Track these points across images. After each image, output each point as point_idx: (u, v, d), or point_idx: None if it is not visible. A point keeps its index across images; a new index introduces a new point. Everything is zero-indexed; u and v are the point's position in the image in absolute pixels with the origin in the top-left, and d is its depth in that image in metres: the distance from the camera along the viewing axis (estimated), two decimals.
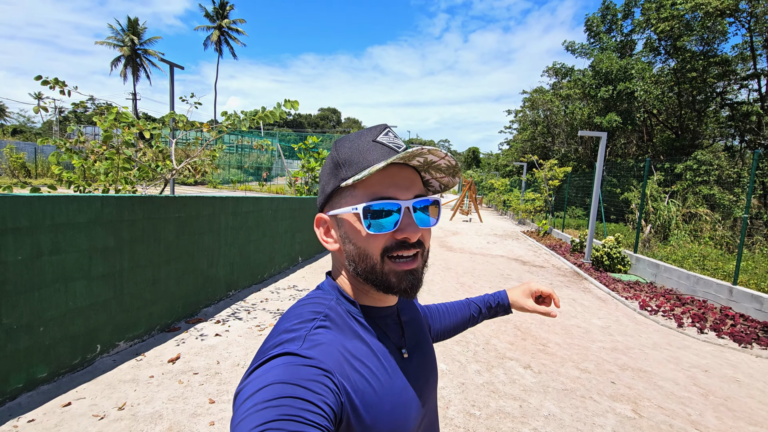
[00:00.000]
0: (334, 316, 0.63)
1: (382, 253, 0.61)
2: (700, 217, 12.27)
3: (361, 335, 0.63)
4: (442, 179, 0.69)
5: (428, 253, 0.68)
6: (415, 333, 0.76)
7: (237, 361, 3.29)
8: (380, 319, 0.68)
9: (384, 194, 0.60)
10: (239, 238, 5.06)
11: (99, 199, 2.98)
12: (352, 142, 0.64)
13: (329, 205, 0.66)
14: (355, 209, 0.60)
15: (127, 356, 3.20)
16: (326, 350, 0.56)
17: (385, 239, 0.61)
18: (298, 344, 0.56)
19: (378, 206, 0.59)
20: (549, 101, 25.71)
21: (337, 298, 0.67)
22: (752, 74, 16.67)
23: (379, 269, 0.61)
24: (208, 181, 31.15)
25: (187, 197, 3.98)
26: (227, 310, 4.49)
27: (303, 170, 8.41)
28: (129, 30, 43.94)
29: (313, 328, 0.59)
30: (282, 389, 0.48)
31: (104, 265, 3.05)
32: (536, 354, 3.96)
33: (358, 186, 0.61)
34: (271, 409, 0.46)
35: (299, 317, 0.62)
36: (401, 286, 0.61)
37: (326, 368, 0.54)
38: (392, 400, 0.60)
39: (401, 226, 0.60)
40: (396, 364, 0.65)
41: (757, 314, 5.42)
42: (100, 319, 3.05)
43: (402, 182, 0.62)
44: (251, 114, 3.85)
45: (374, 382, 0.59)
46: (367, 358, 0.61)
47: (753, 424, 2.97)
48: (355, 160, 0.62)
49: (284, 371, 0.51)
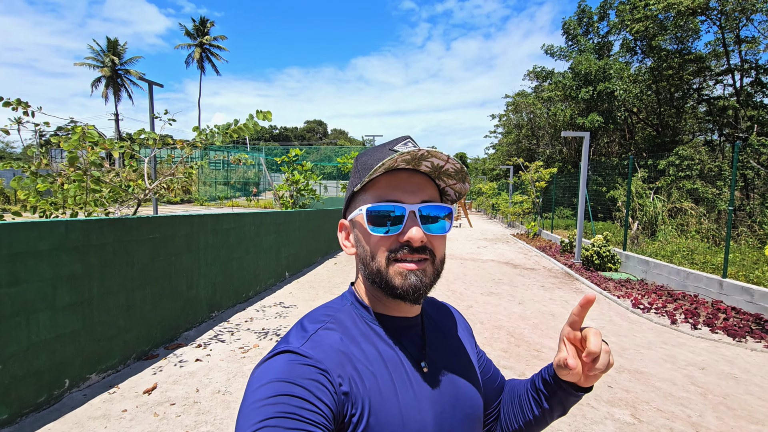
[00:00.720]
0: (344, 319, 0.64)
1: (388, 255, 0.61)
2: (685, 212, 12.40)
3: (372, 340, 0.63)
4: (454, 186, 0.68)
5: (442, 264, 0.66)
6: (444, 351, 0.72)
7: (218, 387, 3.12)
8: (397, 329, 0.67)
9: (389, 197, 0.61)
10: (220, 256, 4.90)
11: (63, 224, 2.81)
12: (372, 152, 0.67)
13: (348, 210, 0.69)
14: (360, 210, 0.63)
15: (100, 389, 3.01)
16: (326, 350, 0.57)
17: (390, 242, 0.61)
18: (300, 342, 0.58)
19: (381, 207, 0.61)
20: (532, 104, 26.03)
21: (352, 302, 0.68)
22: (726, 69, 17.08)
23: (384, 271, 0.61)
24: (194, 199, 30.77)
25: (161, 217, 3.82)
26: (210, 332, 4.30)
27: (287, 183, 8.27)
28: (109, 50, 43.57)
29: (319, 329, 0.61)
30: (279, 387, 0.50)
31: (71, 293, 2.87)
32: (531, 361, 3.85)
33: (368, 190, 0.63)
34: (269, 407, 0.48)
35: (311, 318, 0.65)
36: (404, 286, 0.60)
37: (323, 367, 0.54)
38: (402, 412, 0.59)
39: (404, 229, 0.61)
40: (410, 380, 0.62)
41: (748, 306, 5.40)
42: (68, 351, 2.86)
43: (409, 186, 0.62)
44: (224, 128, 3.72)
45: (380, 387, 0.59)
46: (375, 363, 0.61)
47: (754, 422, 2.89)
48: (369, 166, 0.64)
49: (282, 369, 0.53)
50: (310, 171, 8.54)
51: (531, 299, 6.21)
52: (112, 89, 44.84)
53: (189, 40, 49.40)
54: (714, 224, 11.87)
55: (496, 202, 24.01)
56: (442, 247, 0.65)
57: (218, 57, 50.42)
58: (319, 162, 42.67)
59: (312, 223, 8.50)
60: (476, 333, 4.57)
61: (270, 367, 0.54)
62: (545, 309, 5.69)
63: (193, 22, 48.78)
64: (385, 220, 0.61)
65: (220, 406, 2.86)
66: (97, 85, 44.69)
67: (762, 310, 5.21)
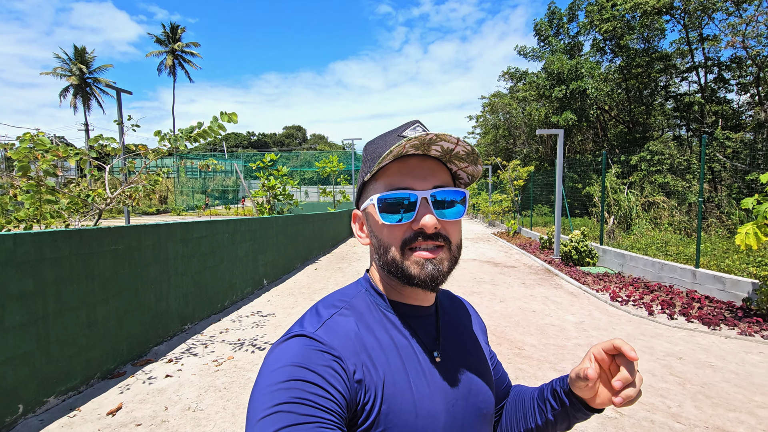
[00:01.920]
0: (358, 305, 0.64)
1: (402, 245, 0.60)
2: (658, 205, 12.73)
3: (386, 328, 0.62)
4: (466, 169, 0.66)
5: (459, 250, 0.64)
6: (458, 342, 0.71)
7: (188, 404, 2.96)
8: (412, 318, 0.66)
9: (400, 184, 0.60)
10: (192, 266, 4.71)
11: (11, 237, 2.62)
12: (381, 139, 0.65)
13: (360, 200, 0.68)
14: (371, 200, 0.61)
15: (59, 413, 2.81)
16: (341, 337, 0.57)
17: (403, 230, 0.60)
18: (314, 327, 0.57)
19: (392, 195, 0.59)
20: (507, 104, 26.42)
21: (366, 289, 0.67)
22: (691, 67, 17.70)
23: (399, 260, 0.60)
24: (171, 209, 29.94)
25: (124, 227, 3.63)
26: (182, 346, 4.12)
27: (263, 189, 8.08)
28: (76, 59, 42.16)
29: (334, 314, 0.60)
30: (293, 372, 0.50)
31: (22, 312, 2.67)
32: (512, 359, 3.82)
33: (379, 179, 0.62)
34: (283, 391, 0.48)
35: (326, 303, 0.64)
36: (421, 275, 0.59)
37: (337, 354, 0.54)
38: (415, 401, 0.58)
39: (417, 216, 0.59)
40: (423, 369, 0.61)
41: (721, 294, 5.53)
42: (21, 374, 2.66)
43: (420, 172, 0.60)
44: (188, 131, 3.56)
45: (394, 375, 0.58)
46: (389, 350, 0.60)
47: (731, 410, 2.91)
48: (378, 153, 0.62)
49: (297, 353, 0.53)
50: (287, 176, 8.38)
51: (512, 297, 6.21)
52: (81, 98, 43.40)
53: (160, 47, 48.35)
54: (685, 216, 12.23)
55: (476, 202, 24.22)
56: (457, 232, 0.63)
57: (191, 64, 49.48)
58: (299, 167, 42.28)
59: (290, 229, 8.33)
60: None
61: (285, 351, 0.53)
62: (526, 306, 5.69)
63: (163, 29, 47.77)
64: (397, 208, 0.59)
65: (190, 423, 2.70)
66: (65, 94, 43.16)
67: (733, 297, 5.33)
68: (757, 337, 4.35)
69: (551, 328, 4.71)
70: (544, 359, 3.81)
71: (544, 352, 4.00)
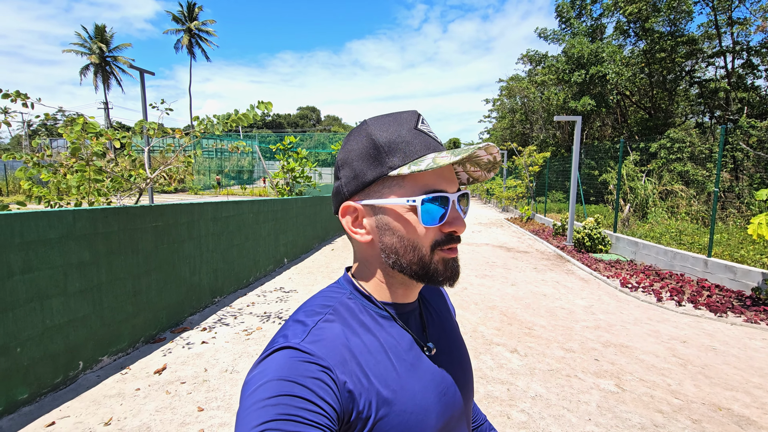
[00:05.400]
0: (343, 311, 0.61)
1: (433, 245, 0.60)
2: (676, 194, 12.63)
3: (373, 331, 0.61)
4: (474, 173, 0.67)
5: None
6: (441, 331, 0.72)
7: (225, 367, 3.28)
8: (400, 316, 0.65)
9: (436, 186, 0.59)
10: (221, 243, 5.01)
11: (70, 213, 2.91)
12: (391, 126, 0.61)
13: (365, 193, 0.61)
14: (411, 201, 0.58)
15: (112, 371, 3.15)
16: (328, 345, 0.55)
17: (435, 232, 0.60)
18: (300, 338, 0.55)
19: (434, 198, 0.58)
20: (525, 88, 25.98)
21: (350, 293, 0.65)
22: (718, 51, 17.14)
23: (428, 260, 0.60)
24: (188, 188, 30.66)
25: (163, 205, 3.91)
26: (213, 317, 4.45)
27: (283, 171, 8.33)
28: (97, 37, 42.65)
29: (319, 321, 0.58)
30: (280, 386, 0.48)
31: (81, 280, 2.99)
32: (522, 338, 4.04)
33: (407, 177, 0.59)
34: (270, 408, 0.46)
35: (308, 310, 0.61)
36: (447, 273, 0.61)
37: (326, 365, 0.52)
38: (409, 400, 0.58)
39: (449, 219, 0.60)
40: (414, 364, 0.62)
41: (731, 284, 5.63)
42: (81, 335, 2.99)
43: (450, 175, 0.61)
44: (224, 117, 3.80)
45: (386, 379, 0.57)
46: (377, 354, 0.59)
47: (729, 389, 3.10)
48: (402, 148, 0.59)
49: (283, 366, 0.50)
50: (305, 158, 8.61)
51: (523, 281, 6.40)
52: (101, 77, 44.06)
53: (177, 25, 48.42)
54: (704, 206, 12.12)
55: (491, 187, 24.17)
56: None
57: (208, 42, 49.54)
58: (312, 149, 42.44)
59: (309, 210, 8.60)
60: (471, 313, 4.76)
61: (269, 365, 0.51)
62: (537, 290, 5.88)
63: (180, 7, 47.73)
64: (433, 211, 0.59)
65: (228, 383, 3.01)
66: (85, 73, 43.89)
67: (743, 287, 5.44)
68: (763, 324, 4.48)
69: (561, 311, 4.91)
70: (553, 339, 4.03)
71: (552, 332, 4.21)
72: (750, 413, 2.78)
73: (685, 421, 2.67)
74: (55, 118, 41.63)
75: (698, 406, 2.87)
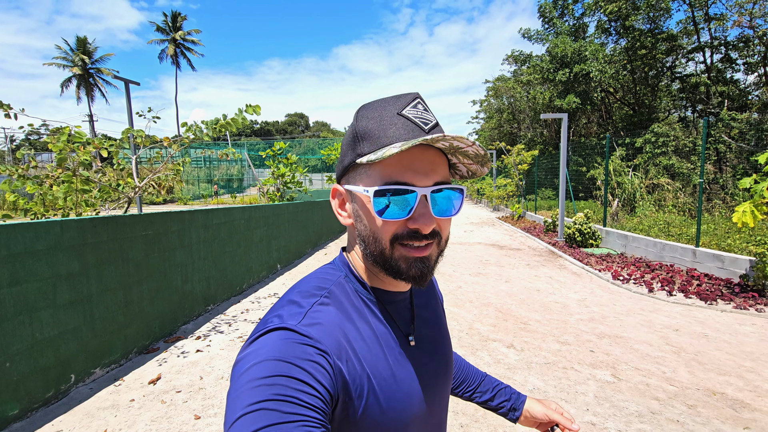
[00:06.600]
0: (339, 294, 0.60)
1: (393, 239, 0.57)
2: (662, 187, 12.85)
3: (366, 317, 0.60)
4: (470, 166, 0.62)
5: (446, 243, 0.63)
6: (428, 321, 0.72)
7: (221, 374, 3.24)
8: (390, 304, 0.64)
9: (399, 179, 0.55)
10: (213, 251, 4.96)
11: (58, 223, 2.86)
12: (375, 111, 0.58)
13: (345, 178, 0.62)
14: (366, 191, 0.56)
15: (105, 383, 3.10)
16: (325, 330, 0.54)
17: (396, 226, 0.56)
18: (296, 319, 0.53)
19: (389, 189, 0.54)
20: (511, 88, 26.27)
21: (346, 275, 0.64)
22: (697, 47, 17.52)
23: (388, 254, 0.57)
24: (177, 199, 30.33)
25: (153, 214, 3.87)
26: (207, 325, 4.40)
27: (273, 177, 8.30)
28: (78, 49, 42.12)
29: (315, 304, 0.57)
30: (277, 367, 0.47)
31: (70, 291, 2.94)
32: (518, 333, 4.06)
33: (374, 164, 0.56)
34: (265, 388, 0.45)
35: (303, 291, 0.60)
36: (410, 272, 0.57)
37: (323, 348, 0.52)
38: (395, 388, 0.58)
39: (414, 215, 0.55)
40: (401, 353, 0.61)
41: (719, 272, 5.73)
42: (72, 347, 2.94)
43: (421, 166, 0.55)
44: (212, 123, 3.77)
45: (377, 367, 0.57)
46: (370, 340, 0.58)
47: (722, 374, 3.15)
48: (375, 134, 0.56)
49: (280, 347, 0.49)
50: (295, 164, 8.59)
51: (517, 277, 6.45)
52: (84, 89, 43.49)
53: (161, 35, 48.10)
54: (689, 198, 12.35)
55: (481, 187, 24.34)
56: (448, 227, 0.62)
57: (193, 52, 49.25)
58: (302, 155, 42.36)
59: (300, 215, 8.57)
60: (466, 311, 4.77)
61: (263, 345, 0.50)
62: (531, 285, 5.93)
63: (164, 17, 47.44)
64: (392, 204, 0.55)
65: (225, 390, 2.98)
66: (67, 85, 43.28)
67: (731, 274, 5.54)
68: (752, 310, 4.57)
69: (555, 305, 4.95)
70: (548, 333, 4.06)
71: (548, 326, 4.24)
72: (743, 396, 2.83)
73: (681, 407, 2.70)
74: (39, 132, 40.99)
75: (693, 391, 2.90)
